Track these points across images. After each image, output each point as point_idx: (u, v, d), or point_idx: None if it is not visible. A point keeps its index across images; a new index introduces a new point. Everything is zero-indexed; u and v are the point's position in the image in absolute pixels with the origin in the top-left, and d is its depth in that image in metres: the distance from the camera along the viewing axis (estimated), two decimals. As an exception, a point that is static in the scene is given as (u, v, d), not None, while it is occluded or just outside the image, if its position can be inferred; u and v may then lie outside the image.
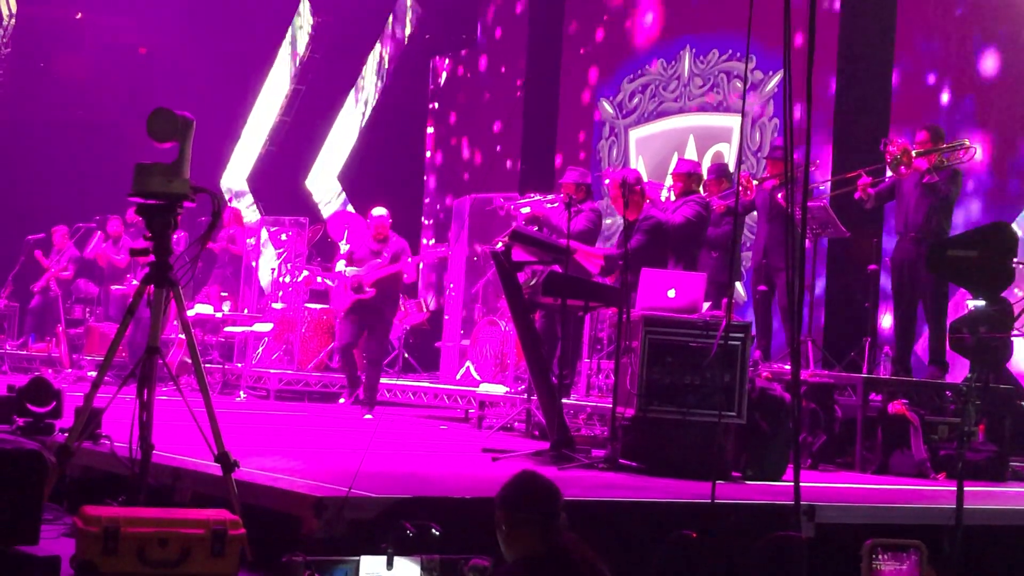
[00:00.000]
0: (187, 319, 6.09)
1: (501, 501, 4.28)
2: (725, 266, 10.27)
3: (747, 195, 10.36)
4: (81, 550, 4.92)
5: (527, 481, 4.35)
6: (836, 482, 8.40)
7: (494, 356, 12.81)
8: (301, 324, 14.42)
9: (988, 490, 8.30)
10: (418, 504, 5.55)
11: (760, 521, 6.14)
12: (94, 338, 15.16)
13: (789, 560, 5.38)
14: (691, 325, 7.91)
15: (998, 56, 11.78)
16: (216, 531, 4.98)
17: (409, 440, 9.73)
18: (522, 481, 4.34)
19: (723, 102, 14.35)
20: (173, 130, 5.60)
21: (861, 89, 12.50)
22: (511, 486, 4.31)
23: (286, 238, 15.15)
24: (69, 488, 6.30)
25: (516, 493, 4.28)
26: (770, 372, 9.07)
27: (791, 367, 6.26)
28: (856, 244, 10.88)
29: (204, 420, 5.56)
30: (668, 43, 15.23)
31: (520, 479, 4.35)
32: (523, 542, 4.21)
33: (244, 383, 13.71)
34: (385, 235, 11.86)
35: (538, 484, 4.33)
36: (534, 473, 4.43)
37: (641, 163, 15.40)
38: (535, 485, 4.32)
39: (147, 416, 5.52)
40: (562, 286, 8.54)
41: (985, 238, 6.80)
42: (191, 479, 6.17)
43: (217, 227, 5.80)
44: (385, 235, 11.86)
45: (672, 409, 7.78)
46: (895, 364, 10.04)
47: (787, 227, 9.41)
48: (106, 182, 13.47)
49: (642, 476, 7.51)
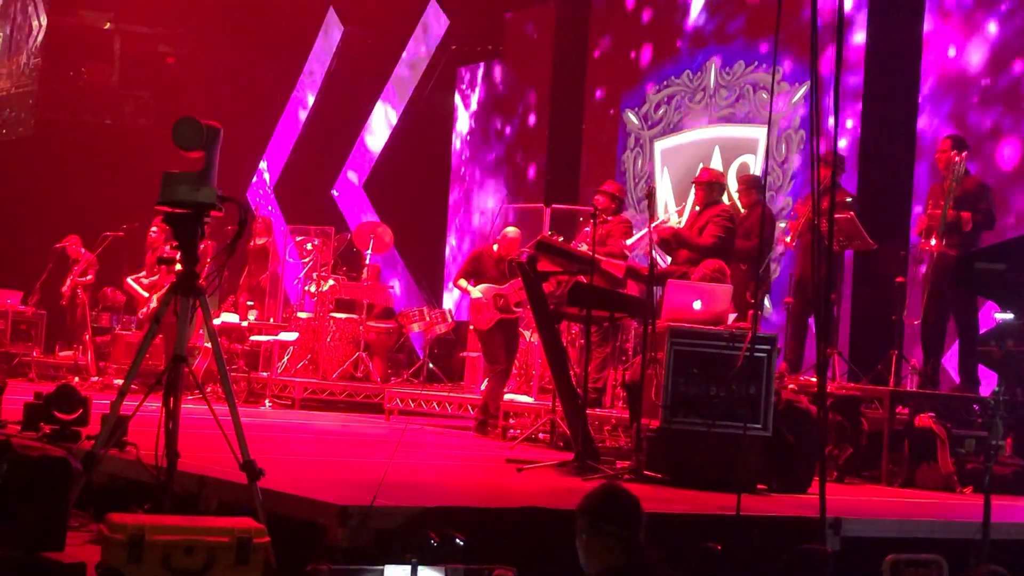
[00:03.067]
0: (213, 328, 6.11)
1: (583, 509, 4.32)
2: (752, 278, 10.23)
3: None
4: (106, 557, 4.93)
5: (611, 492, 4.40)
6: (862, 495, 8.36)
7: (519, 366, 12.79)
8: (326, 333, 14.45)
9: (1015, 504, 8.24)
10: (442, 514, 5.55)
11: (785, 534, 6.12)
12: (120, 346, 15.22)
13: (814, 573, 5.35)
14: (717, 336, 7.89)
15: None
16: (241, 539, 4.98)
17: (434, 450, 9.73)
18: (606, 492, 4.39)
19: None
20: (198, 139, 5.61)
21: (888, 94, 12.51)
22: (595, 495, 4.35)
23: (312, 247, 15.18)
24: (95, 495, 6.32)
25: (599, 503, 4.32)
26: (796, 384, 9.03)
27: (817, 379, 6.23)
28: (883, 256, 10.83)
29: (230, 428, 5.57)
30: (694, 54, 15.21)
31: (604, 490, 4.41)
32: (602, 553, 4.23)
33: (269, 392, 13.74)
34: (512, 256, 11.37)
35: (621, 497, 4.36)
36: (619, 486, 4.49)
37: (666, 174, 15.38)
38: (619, 497, 4.36)
39: (173, 424, 5.54)
40: (587, 296, 8.53)
41: (1014, 251, 6.76)
42: (216, 487, 6.18)
43: (244, 236, 5.81)
44: (512, 256, 11.37)
45: (697, 421, 7.75)
46: (923, 377, 9.99)
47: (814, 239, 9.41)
48: (135, 191, 13.54)
49: (667, 488, 7.49)
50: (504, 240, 11.67)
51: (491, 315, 11.28)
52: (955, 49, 12.26)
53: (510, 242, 11.60)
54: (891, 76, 12.59)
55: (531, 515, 5.91)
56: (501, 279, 11.43)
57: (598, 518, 4.27)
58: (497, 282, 11.42)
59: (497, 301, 11.28)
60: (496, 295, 11.29)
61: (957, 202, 9.62)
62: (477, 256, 11.85)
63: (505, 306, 11.26)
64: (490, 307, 11.28)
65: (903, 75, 12.52)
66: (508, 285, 11.31)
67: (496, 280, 11.43)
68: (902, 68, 12.56)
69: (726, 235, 9.99)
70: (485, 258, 11.68)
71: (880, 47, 12.66)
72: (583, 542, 4.29)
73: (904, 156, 12.41)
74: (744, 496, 6.10)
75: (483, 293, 11.33)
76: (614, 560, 4.20)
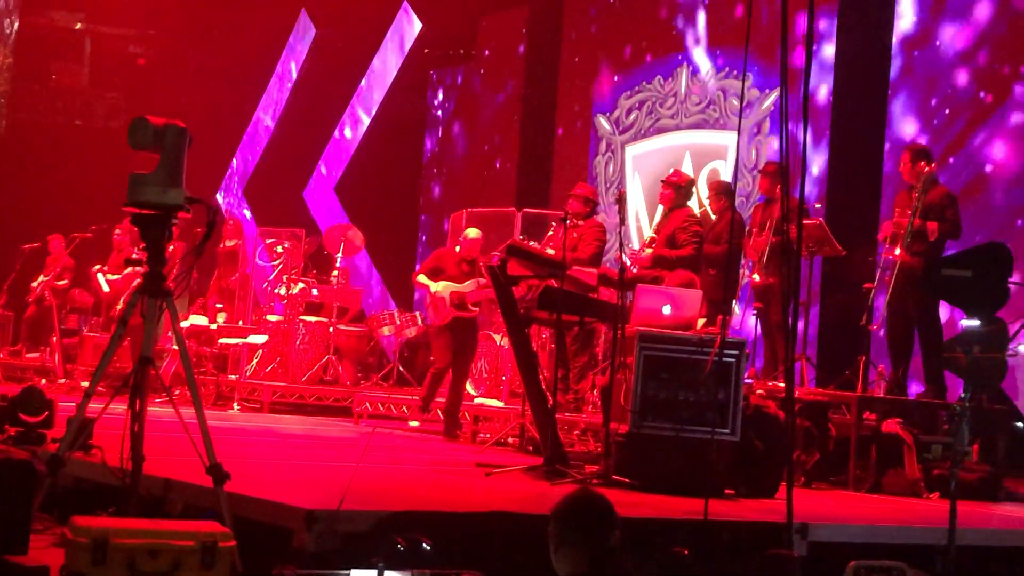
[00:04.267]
0: (180, 330, 6.08)
1: (555, 514, 4.30)
2: (722, 283, 10.26)
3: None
4: (70, 561, 4.90)
5: (581, 499, 4.35)
6: (829, 500, 8.39)
7: (489, 370, 12.79)
8: (296, 336, 14.41)
9: (981, 510, 8.29)
10: (410, 518, 5.53)
11: (753, 539, 6.13)
12: (88, 348, 15.14)
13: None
14: (686, 341, 7.91)
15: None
16: (206, 543, 4.96)
17: (402, 454, 9.71)
18: (576, 498, 4.35)
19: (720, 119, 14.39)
20: (150, 139, 5.57)
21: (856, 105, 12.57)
22: (565, 501, 4.32)
23: (282, 250, 15.14)
24: (60, 498, 6.27)
25: (567, 509, 4.29)
26: (764, 389, 9.06)
27: (785, 385, 6.25)
28: (851, 262, 10.88)
29: (196, 431, 5.54)
30: (666, 59, 15.25)
31: (575, 496, 4.36)
32: (569, 560, 4.21)
33: (238, 395, 13.70)
34: (475, 256, 11.68)
35: (591, 504, 4.31)
36: (591, 492, 4.43)
37: (637, 179, 15.41)
38: (588, 504, 4.31)
39: (139, 427, 5.50)
40: (557, 301, 8.53)
41: (980, 258, 6.81)
42: (182, 490, 6.15)
43: (212, 238, 5.77)
44: (475, 256, 11.68)
45: (666, 425, 7.76)
46: (890, 383, 10.03)
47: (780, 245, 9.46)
48: (105, 192, 13.48)
49: (635, 492, 7.49)
50: (465, 241, 11.80)
51: (447, 312, 11.44)
52: (926, 54, 12.34)
53: (470, 243, 11.73)
54: (860, 83, 12.65)
55: (499, 519, 5.91)
56: (461, 279, 11.58)
57: (568, 524, 4.26)
58: (457, 281, 11.56)
59: (454, 299, 11.45)
60: (454, 293, 11.45)
61: (923, 211, 9.68)
62: (439, 255, 12.01)
63: (461, 304, 11.43)
64: (447, 304, 11.46)
65: (872, 82, 12.59)
66: (467, 284, 11.48)
67: (456, 279, 11.57)
68: (872, 75, 12.62)
69: (699, 240, 10.11)
70: (446, 257, 11.84)
71: (849, 54, 12.72)
72: (553, 547, 4.28)
73: (873, 164, 12.47)
74: (712, 501, 6.11)
75: (442, 290, 11.49)
76: (583, 566, 4.20)
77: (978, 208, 11.49)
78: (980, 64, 11.96)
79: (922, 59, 12.41)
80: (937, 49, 12.28)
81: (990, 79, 11.86)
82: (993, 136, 11.75)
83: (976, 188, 11.73)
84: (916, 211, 9.66)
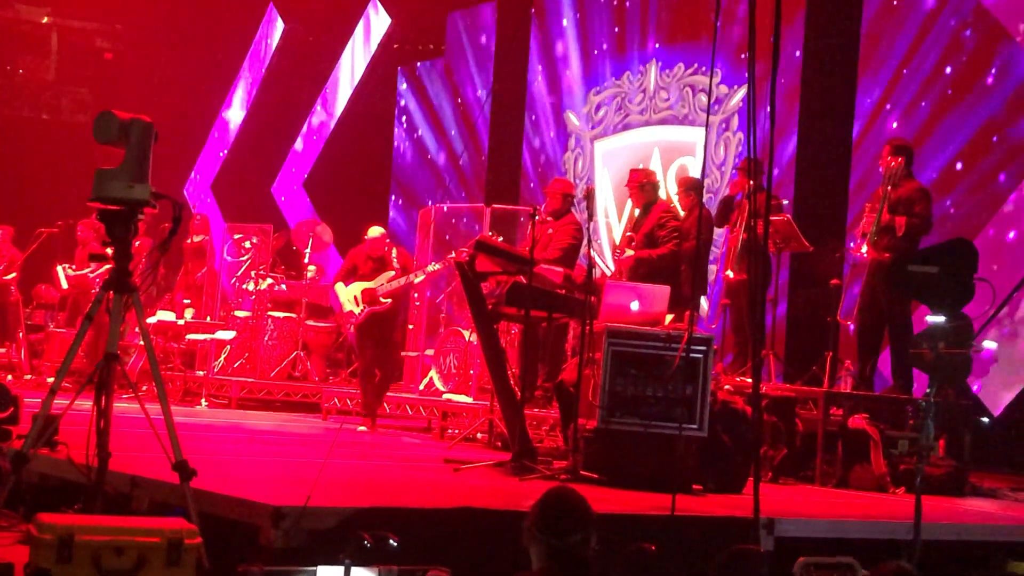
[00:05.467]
0: (146, 326, 6.04)
1: (530, 513, 4.31)
2: (690, 279, 10.29)
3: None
4: (35, 558, 4.86)
5: (554, 499, 4.35)
6: (796, 496, 8.43)
7: (458, 366, 12.78)
8: (264, 332, 14.36)
9: (947, 505, 8.35)
10: (377, 514, 5.53)
11: (720, 534, 6.15)
12: (54, 344, 15.03)
13: (748, 573, 5.38)
14: (654, 337, 7.92)
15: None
16: (172, 540, 4.94)
17: (370, 450, 9.70)
18: (549, 498, 4.35)
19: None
20: (114, 133, 5.54)
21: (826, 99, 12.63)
22: (540, 501, 4.33)
23: (250, 245, 15.08)
24: (25, 495, 6.24)
25: (539, 509, 4.30)
26: (732, 385, 9.09)
27: (752, 380, 6.28)
28: (819, 258, 10.93)
29: (162, 428, 5.52)
30: (635, 55, 15.27)
31: (549, 495, 4.37)
32: (538, 558, 4.22)
33: (206, 391, 13.63)
34: (381, 254, 11.88)
35: (563, 504, 4.32)
36: (566, 492, 4.43)
37: (606, 175, 15.43)
38: (560, 504, 4.31)
39: (104, 423, 5.47)
40: (526, 297, 8.53)
41: (946, 254, 6.85)
42: (148, 487, 6.12)
43: (177, 233, 5.75)
44: (381, 254, 11.88)
45: (634, 421, 7.79)
46: (857, 378, 10.08)
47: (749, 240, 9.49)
48: (71, 187, 13.39)
49: (603, 488, 7.50)
50: (369, 240, 12.03)
51: (361, 310, 11.70)
52: (893, 50, 12.39)
53: (373, 241, 11.96)
54: (828, 79, 12.70)
55: (467, 515, 5.91)
56: (371, 276, 11.80)
57: (539, 522, 4.26)
58: (368, 279, 11.78)
59: (365, 296, 11.69)
60: (365, 291, 11.70)
61: (893, 206, 9.71)
62: (352, 255, 12.22)
63: (372, 300, 11.67)
64: (359, 303, 11.75)
65: (840, 78, 12.64)
66: (377, 280, 11.71)
67: (367, 277, 11.80)
68: (839, 71, 12.68)
69: (678, 235, 10.15)
70: (358, 257, 12.04)
71: (817, 50, 12.77)
72: (528, 544, 4.28)
73: (840, 159, 12.53)
74: (679, 496, 6.14)
75: (350, 294, 11.81)
76: (550, 565, 4.20)
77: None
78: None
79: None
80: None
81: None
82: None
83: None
84: (883, 206, 9.69)
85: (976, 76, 11.75)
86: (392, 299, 11.75)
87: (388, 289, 11.70)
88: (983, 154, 11.63)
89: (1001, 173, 11.51)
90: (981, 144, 11.64)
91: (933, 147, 11.85)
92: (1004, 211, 11.41)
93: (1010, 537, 7.43)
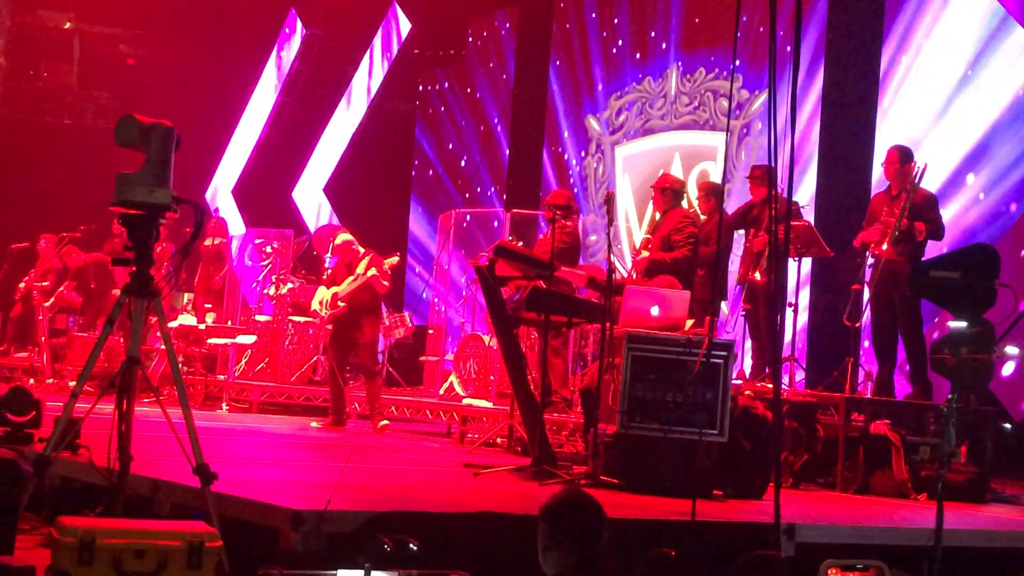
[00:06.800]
0: (168, 330, 6.06)
1: (543, 514, 4.31)
2: (710, 284, 10.27)
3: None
4: (56, 560, 4.89)
5: (568, 498, 4.37)
6: (817, 501, 8.40)
7: (478, 371, 12.79)
8: (285, 337, 14.39)
9: (969, 511, 8.31)
10: (397, 518, 5.53)
11: (740, 540, 6.14)
12: (76, 348, 15.09)
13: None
14: (674, 342, 7.91)
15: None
16: (193, 543, 4.95)
17: (390, 454, 9.71)
18: (563, 498, 4.36)
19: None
20: (136, 137, 5.56)
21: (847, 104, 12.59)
22: (553, 501, 4.33)
23: (271, 250, 15.12)
24: (47, 498, 6.26)
25: (555, 509, 4.30)
26: (753, 390, 9.07)
27: (773, 386, 6.26)
28: (840, 263, 10.90)
29: (183, 432, 5.53)
30: (656, 60, 15.26)
31: (563, 495, 4.38)
32: (559, 559, 4.22)
33: (227, 395, 13.68)
34: (350, 259, 12.02)
35: (578, 503, 4.33)
36: (578, 492, 4.46)
37: (627, 180, 15.42)
38: (574, 504, 4.33)
39: (126, 427, 5.49)
40: (545, 302, 8.53)
41: (968, 259, 6.81)
42: (169, 491, 6.14)
43: (200, 238, 5.77)
44: (350, 259, 12.02)
45: (654, 426, 7.77)
46: (878, 384, 10.05)
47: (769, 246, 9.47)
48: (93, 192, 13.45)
49: (623, 493, 7.49)
50: (335, 246, 12.30)
51: (327, 314, 12.03)
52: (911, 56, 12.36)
53: (340, 247, 12.21)
54: (850, 83, 12.67)
55: (486, 520, 5.90)
56: (341, 281, 12.02)
57: (555, 524, 4.27)
58: (338, 284, 12.03)
59: (333, 300, 11.93)
60: (334, 295, 11.95)
61: (911, 212, 9.69)
62: (334, 267, 12.40)
63: (333, 303, 11.88)
64: (324, 307, 12.08)
65: (863, 82, 12.60)
66: (343, 284, 11.92)
67: (338, 282, 12.04)
68: (862, 75, 12.63)
69: (694, 241, 10.10)
70: (336, 268, 12.27)
71: (839, 54, 12.73)
72: (541, 547, 4.29)
73: (863, 165, 12.49)
74: (699, 502, 6.11)
75: (318, 298, 12.24)
76: (571, 567, 4.20)
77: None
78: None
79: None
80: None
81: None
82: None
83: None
84: (904, 211, 9.67)
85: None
86: (347, 302, 11.79)
87: (345, 292, 11.82)
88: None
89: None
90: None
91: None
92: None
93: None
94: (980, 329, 6.72)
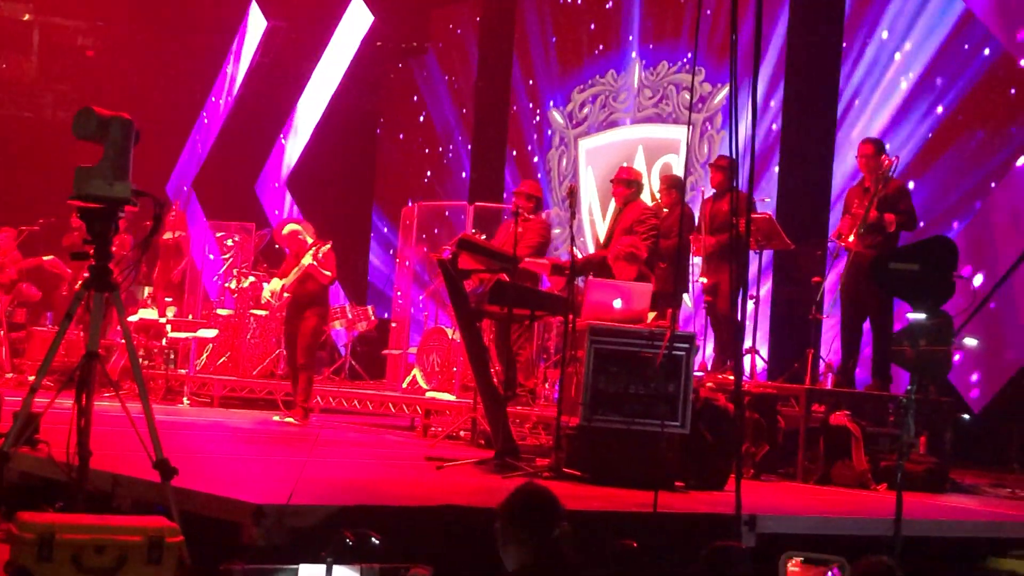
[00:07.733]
0: (127, 324, 6.03)
1: (498, 511, 4.31)
2: (671, 277, 10.30)
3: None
4: (15, 556, 4.85)
5: (525, 494, 4.37)
6: (778, 492, 8.45)
7: (441, 364, 12.78)
8: (247, 331, 14.33)
9: (927, 501, 8.38)
10: (359, 512, 5.53)
11: (701, 531, 6.17)
12: (36, 342, 14.97)
13: (730, 570, 5.39)
14: (636, 335, 7.94)
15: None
16: (153, 538, 4.93)
17: (352, 448, 9.69)
18: (520, 494, 4.36)
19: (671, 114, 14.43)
20: (94, 129, 5.52)
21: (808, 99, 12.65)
22: (510, 497, 4.34)
23: (232, 243, 15.04)
24: (6, 493, 6.21)
25: (512, 505, 4.31)
26: (714, 382, 9.11)
27: (734, 378, 6.29)
28: (800, 256, 10.96)
29: (143, 426, 5.50)
30: (619, 53, 15.28)
31: (520, 491, 4.38)
32: (515, 555, 4.23)
33: (188, 389, 13.61)
34: (297, 249, 11.92)
35: (535, 498, 4.34)
36: (535, 487, 4.46)
37: (590, 173, 15.44)
38: (532, 499, 4.33)
39: (85, 422, 5.46)
40: (508, 295, 8.54)
41: (926, 252, 6.87)
42: (130, 486, 6.11)
43: (158, 231, 5.74)
44: (297, 249, 11.92)
45: (616, 418, 7.80)
46: (838, 375, 10.11)
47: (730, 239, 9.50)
48: (53, 185, 13.35)
49: (585, 485, 7.52)
50: (283, 239, 12.28)
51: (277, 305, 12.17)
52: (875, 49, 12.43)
53: (286, 237, 12.18)
54: (811, 78, 12.73)
55: (449, 513, 5.91)
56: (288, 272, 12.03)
57: (510, 519, 4.27)
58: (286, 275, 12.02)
59: (281, 292, 11.95)
60: (283, 286, 11.93)
61: (879, 204, 9.74)
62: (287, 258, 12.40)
63: (280, 294, 11.97)
64: (275, 298, 12.22)
65: (823, 77, 12.66)
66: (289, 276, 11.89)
67: (286, 273, 12.01)
68: (822, 70, 12.69)
69: (655, 234, 10.14)
70: (287, 259, 12.26)
71: (800, 49, 12.79)
72: (500, 543, 4.30)
73: (823, 158, 12.55)
74: (661, 493, 6.15)
75: (268, 290, 12.33)
76: (527, 559, 4.21)
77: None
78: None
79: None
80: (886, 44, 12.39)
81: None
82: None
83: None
84: (872, 203, 9.72)
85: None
86: (291, 293, 11.78)
87: (289, 283, 11.81)
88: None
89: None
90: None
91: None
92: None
93: (990, 533, 7.47)
94: (939, 321, 6.78)
